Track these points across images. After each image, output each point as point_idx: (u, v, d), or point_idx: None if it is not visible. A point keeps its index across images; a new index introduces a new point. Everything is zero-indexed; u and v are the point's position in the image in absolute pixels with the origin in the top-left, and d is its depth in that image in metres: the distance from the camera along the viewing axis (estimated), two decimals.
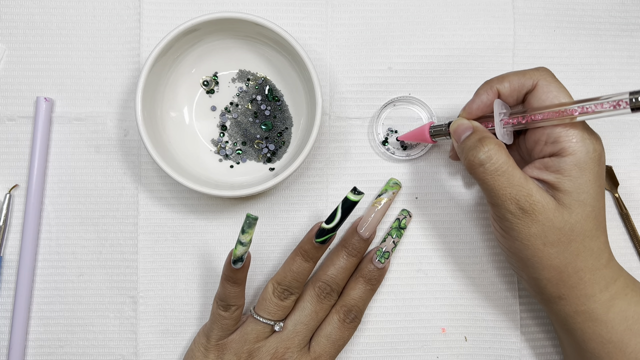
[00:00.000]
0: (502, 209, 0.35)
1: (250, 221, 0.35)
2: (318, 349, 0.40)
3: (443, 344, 0.44)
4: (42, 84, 0.44)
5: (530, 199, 0.34)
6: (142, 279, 0.44)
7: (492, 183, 0.35)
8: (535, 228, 0.34)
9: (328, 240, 0.38)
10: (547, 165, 0.35)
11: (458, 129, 0.37)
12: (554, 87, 0.35)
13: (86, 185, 0.44)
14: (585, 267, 0.35)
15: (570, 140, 0.34)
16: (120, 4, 0.44)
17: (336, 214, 0.37)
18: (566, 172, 0.34)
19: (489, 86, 0.37)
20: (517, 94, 0.37)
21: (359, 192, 0.37)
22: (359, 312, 0.41)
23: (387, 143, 0.44)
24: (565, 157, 0.34)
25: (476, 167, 0.35)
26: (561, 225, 0.34)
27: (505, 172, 0.34)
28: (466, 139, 0.36)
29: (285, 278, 0.39)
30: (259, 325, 0.39)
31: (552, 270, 0.35)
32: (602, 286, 0.35)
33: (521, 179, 0.34)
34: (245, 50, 0.43)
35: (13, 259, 0.43)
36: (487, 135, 0.36)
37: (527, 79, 0.36)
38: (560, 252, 0.35)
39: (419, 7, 0.45)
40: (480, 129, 0.37)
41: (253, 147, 0.44)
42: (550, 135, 0.35)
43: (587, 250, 0.35)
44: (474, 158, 0.35)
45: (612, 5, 0.46)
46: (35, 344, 0.43)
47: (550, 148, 0.35)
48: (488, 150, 0.35)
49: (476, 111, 0.38)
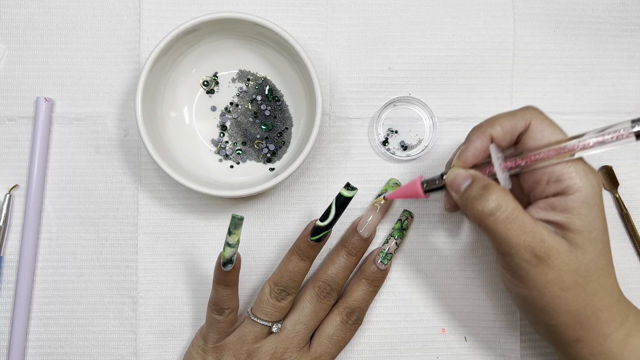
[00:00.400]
0: (516, 258, 0.33)
1: (236, 222, 0.35)
2: (319, 349, 0.40)
3: (443, 344, 0.44)
4: (42, 84, 0.44)
5: (544, 244, 0.32)
6: (142, 279, 0.43)
7: (504, 232, 0.33)
8: (552, 274, 0.33)
9: (323, 238, 0.38)
10: (553, 206, 0.34)
11: (456, 180, 0.35)
12: (547, 125, 0.34)
13: (86, 185, 0.44)
14: (602, 306, 0.34)
15: (574, 177, 0.33)
16: (120, 4, 0.44)
17: (330, 211, 0.37)
18: (575, 210, 0.33)
19: (481, 131, 0.36)
20: (510, 136, 0.35)
21: (352, 187, 0.36)
22: (362, 313, 0.41)
23: (387, 143, 0.44)
24: (572, 195, 0.33)
25: (486, 217, 0.33)
26: (576, 267, 0.33)
27: (516, 218, 0.32)
28: (467, 189, 0.34)
29: (282, 278, 0.39)
30: (256, 326, 0.39)
31: (569, 315, 0.34)
32: (617, 323, 0.34)
33: (532, 225, 0.33)
34: (245, 50, 0.43)
35: (13, 259, 0.43)
36: (490, 183, 0.34)
37: (519, 119, 0.35)
38: (578, 294, 0.33)
39: (419, 7, 0.45)
40: (479, 177, 0.34)
41: (253, 147, 0.44)
42: (552, 174, 0.34)
43: (603, 288, 0.34)
44: (483, 207, 0.33)
45: (612, 5, 0.46)
46: (35, 344, 0.43)
47: (553, 187, 0.34)
48: (496, 197, 0.33)
49: (472, 159, 0.36)
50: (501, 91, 0.45)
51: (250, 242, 0.44)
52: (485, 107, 0.45)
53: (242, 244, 0.44)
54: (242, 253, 0.44)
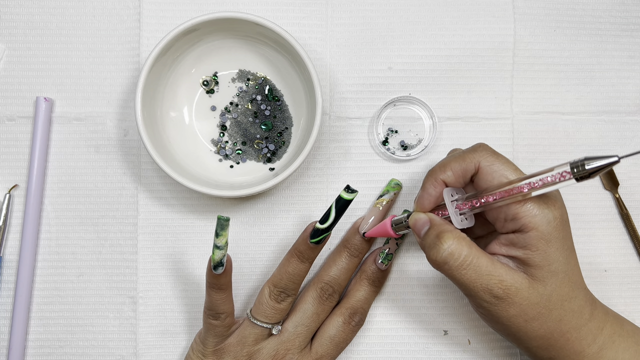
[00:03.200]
0: (476, 299, 0.34)
1: (222, 223, 0.34)
2: (320, 350, 0.40)
3: (445, 346, 0.44)
4: (42, 84, 0.44)
5: (503, 284, 0.34)
6: (142, 279, 0.43)
7: (460, 278, 0.34)
8: (514, 310, 0.34)
9: (323, 240, 0.38)
10: (512, 242, 0.35)
11: (416, 225, 0.37)
12: (496, 166, 0.35)
13: (86, 185, 0.44)
14: (570, 328, 0.35)
15: (528, 215, 0.33)
16: (120, 4, 0.44)
17: (330, 214, 0.37)
18: (533, 247, 0.34)
19: (433, 178, 0.37)
20: (462, 179, 0.36)
21: (352, 190, 0.36)
22: (364, 314, 0.41)
23: (388, 143, 0.44)
24: (529, 233, 0.34)
25: (440, 265, 0.34)
26: (538, 300, 0.34)
27: (470, 264, 0.34)
28: (425, 236, 0.36)
29: (281, 280, 0.39)
30: (256, 328, 0.39)
31: (539, 340, 0.35)
32: (589, 340, 0.35)
33: (489, 267, 0.34)
34: (245, 50, 0.43)
35: (13, 259, 0.43)
36: (445, 229, 0.35)
37: (468, 163, 0.35)
38: (543, 323, 0.34)
39: (419, 7, 0.45)
40: (436, 223, 0.36)
41: (253, 147, 0.44)
42: (507, 213, 0.34)
43: (569, 313, 0.35)
44: (436, 257, 0.34)
45: (612, 5, 0.46)
46: (35, 344, 0.43)
47: (511, 225, 0.34)
48: (448, 247, 0.34)
49: (428, 205, 0.37)
50: (501, 91, 0.45)
51: (249, 242, 0.44)
52: (485, 107, 0.45)
53: (241, 244, 0.44)
54: (241, 253, 0.44)
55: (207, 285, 0.38)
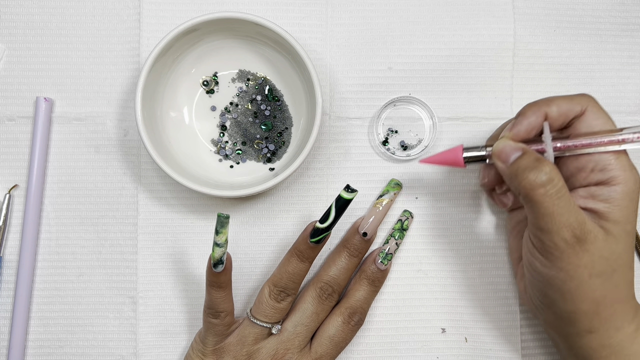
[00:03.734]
0: (555, 235, 0.33)
1: (222, 220, 0.34)
2: (320, 350, 0.40)
3: (443, 344, 0.44)
4: (42, 84, 0.44)
5: (584, 227, 0.33)
6: (142, 279, 0.43)
7: (550, 207, 0.32)
8: (586, 258, 0.33)
9: (323, 239, 0.38)
10: (594, 194, 0.34)
11: (505, 150, 0.35)
12: (601, 114, 0.35)
13: (86, 185, 0.44)
14: (620, 299, 0.34)
15: (619, 168, 0.33)
16: (120, 4, 0.44)
17: (330, 213, 0.37)
18: (616, 201, 0.33)
19: (537, 107, 0.35)
20: (564, 118, 0.35)
21: (352, 189, 0.36)
22: (363, 314, 0.41)
23: (387, 143, 0.44)
24: (615, 186, 0.33)
25: (537, 188, 0.32)
26: (608, 256, 0.33)
27: (564, 195, 0.32)
28: (519, 160, 0.34)
29: (281, 280, 0.39)
30: (256, 328, 0.39)
31: (590, 303, 0.34)
32: (630, 317, 0.35)
33: (577, 206, 0.33)
34: (245, 50, 0.43)
35: (13, 259, 0.43)
36: (541, 157, 0.34)
37: (576, 104, 0.35)
38: (603, 282, 0.33)
39: (419, 7, 0.45)
40: (531, 150, 0.34)
41: (253, 147, 0.44)
42: (597, 162, 0.34)
43: (625, 281, 0.34)
44: (535, 178, 0.32)
45: (612, 5, 0.46)
46: (35, 344, 0.43)
47: (597, 176, 0.34)
48: (550, 171, 0.32)
49: (524, 133, 0.35)
50: (501, 91, 0.45)
51: (249, 242, 0.44)
52: (485, 107, 0.45)
53: (242, 244, 0.44)
54: (242, 253, 0.44)
55: (207, 283, 0.38)
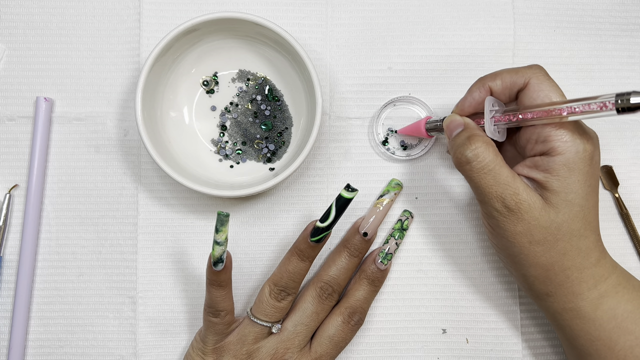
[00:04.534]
0: (488, 206, 0.35)
1: (222, 219, 0.34)
2: (319, 350, 0.40)
3: (444, 344, 0.44)
4: (42, 84, 0.44)
5: (517, 197, 0.34)
6: (142, 279, 0.43)
7: (478, 181, 0.35)
8: (521, 226, 0.34)
9: (323, 239, 0.38)
10: (536, 164, 0.35)
11: (450, 125, 0.38)
12: (545, 85, 0.35)
13: (86, 185, 0.44)
14: (572, 266, 0.35)
15: (559, 139, 0.34)
16: (120, 4, 0.44)
17: (330, 212, 0.37)
18: (555, 171, 0.34)
19: (482, 83, 0.37)
20: (509, 91, 0.36)
21: (352, 189, 0.36)
22: (363, 314, 0.41)
23: (387, 143, 0.44)
24: (554, 157, 0.34)
25: (463, 164, 0.35)
26: (547, 225, 0.34)
27: (491, 170, 0.34)
28: (456, 136, 0.36)
29: (282, 279, 0.39)
30: (256, 327, 0.39)
31: (538, 268, 0.35)
32: (590, 284, 0.35)
33: (508, 178, 0.34)
34: (245, 50, 0.43)
35: (13, 259, 0.43)
36: (476, 133, 0.36)
37: (519, 76, 0.36)
38: (547, 250, 0.35)
39: (419, 7, 0.45)
40: (471, 126, 0.37)
41: (253, 147, 0.44)
42: (540, 134, 0.35)
43: (575, 249, 0.35)
44: (461, 155, 0.35)
45: (612, 5, 0.46)
46: (35, 344, 0.43)
47: (540, 147, 0.35)
48: (475, 148, 0.35)
49: (468, 108, 0.38)
50: None
51: (250, 242, 0.44)
52: None
53: (242, 244, 0.44)
54: (242, 253, 0.44)
55: (207, 282, 0.38)
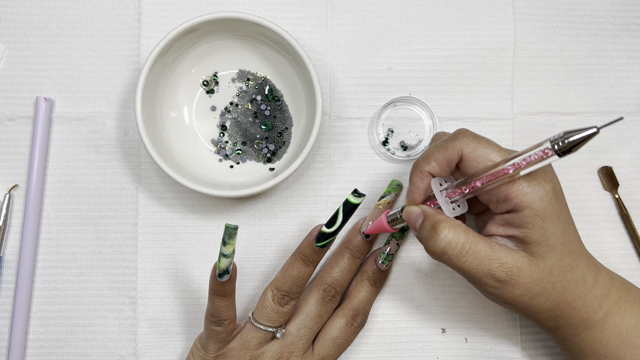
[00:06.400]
0: (480, 284, 0.35)
1: (231, 231, 0.34)
2: (323, 352, 0.40)
3: (443, 344, 0.44)
4: (42, 84, 0.44)
5: (504, 267, 0.34)
6: (142, 279, 0.43)
7: (460, 266, 0.34)
8: (518, 290, 0.34)
9: (328, 243, 0.38)
10: (508, 222, 0.35)
11: (410, 218, 0.37)
12: (479, 150, 0.35)
13: (86, 185, 0.44)
14: (575, 297, 0.35)
15: (520, 194, 0.33)
16: (120, 4, 0.44)
17: (337, 218, 0.36)
18: (529, 225, 0.34)
19: (419, 171, 0.37)
20: (448, 168, 0.36)
21: (360, 194, 0.36)
22: (366, 315, 0.41)
23: (388, 143, 0.44)
24: (523, 212, 0.34)
25: (439, 255, 0.34)
26: (540, 276, 0.34)
27: (469, 250, 0.34)
28: (420, 228, 0.36)
29: (285, 284, 0.39)
30: (259, 332, 0.39)
31: (546, 312, 0.36)
32: (595, 307, 0.35)
33: (488, 251, 0.34)
34: (245, 50, 0.43)
35: (13, 259, 0.43)
36: (439, 220, 0.35)
37: (451, 152, 0.35)
38: (548, 297, 0.35)
39: (419, 7, 0.45)
40: (429, 214, 0.35)
41: (253, 147, 0.44)
42: (499, 194, 0.34)
43: (572, 283, 0.35)
44: (434, 248, 0.34)
45: (612, 5, 0.46)
46: (35, 344, 0.43)
47: (504, 205, 0.34)
48: (444, 236, 0.34)
49: (418, 198, 0.37)
50: (501, 91, 0.45)
51: (250, 242, 0.44)
52: (486, 107, 0.45)
53: (242, 245, 0.44)
54: (242, 254, 0.44)
55: (210, 291, 0.37)
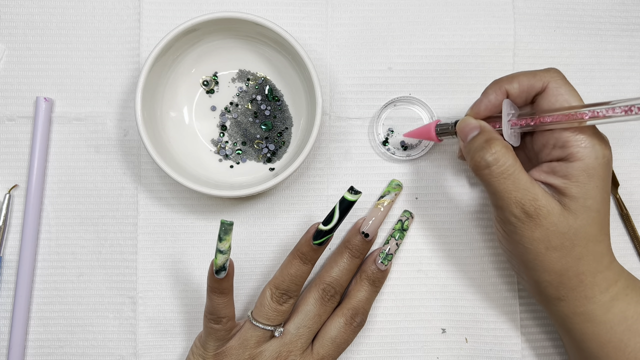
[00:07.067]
0: (506, 212, 0.35)
1: (226, 227, 0.34)
2: (322, 352, 0.40)
3: (443, 344, 0.44)
4: (42, 84, 0.44)
5: (536, 203, 0.34)
6: (142, 279, 0.43)
7: (497, 186, 0.34)
8: (539, 232, 0.34)
9: (326, 241, 0.38)
10: (554, 170, 0.35)
11: (465, 128, 0.37)
12: (564, 89, 0.35)
13: (86, 185, 0.44)
14: (586, 271, 0.35)
15: (579, 145, 0.33)
16: (120, 4, 0.44)
17: (334, 215, 0.37)
18: (574, 177, 0.33)
19: (498, 86, 0.36)
20: (526, 95, 0.36)
21: (356, 191, 0.36)
22: (365, 314, 0.41)
23: (388, 143, 0.44)
24: (574, 163, 0.33)
25: (482, 168, 0.35)
26: (565, 230, 0.34)
27: (511, 175, 0.34)
28: (473, 139, 0.36)
29: (283, 282, 0.39)
30: (258, 331, 0.39)
31: (553, 274, 0.35)
32: (602, 288, 0.35)
33: (527, 183, 0.34)
34: (245, 50, 0.43)
35: (13, 259, 0.43)
36: (494, 137, 0.35)
37: (537, 80, 0.35)
38: (563, 256, 0.34)
39: (419, 7, 0.45)
40: (487, 130, 0.36)
41: (253, 147, 0.44)
42: (558, 139, 0.34)
43: (590, 254, 0.35)
44: (480, 159, 0.34)
45: (612, 5, 0.46)
46: (35, 344, 0.43)
47: (558, 152, 0.34)
48: (495, 152, 0.34)
49: (484, 111, 0.37)
50: None
51: (250, 242, 0.44)
52: None
53: (242, 244, 0.44)
54: (242, 253, 0.44)
55: (208, 289, 0.37)
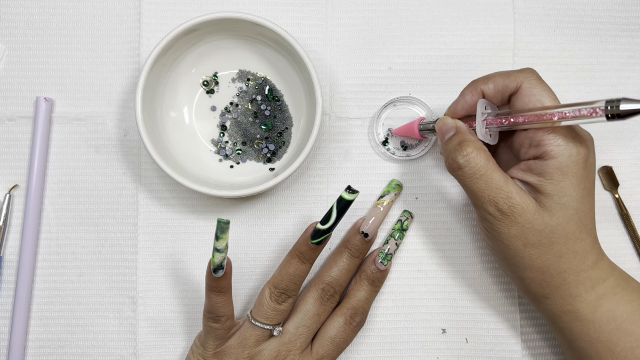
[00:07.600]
0: (482, 210, 0.36)
1: (223, 226, 0.34)
2: (321, 351, 0.40)
3: (443, 344, 0.44)
4: (42, 84, 0.44)
5: (509, 201, 0.34)
6: (142, 279, 0.43)
7: (470, 185, 0.35)
8: (515, 229, 0.35)
9: (324, 240, 0.38)
10: (530, 168, 0.35)
11: (442, 128, 0.38)
12: (537, 89, 0.35)
13: (86, 185, 0.44)
14: (568, 269, 0.35)
15: (552, 143, 0.34)
16: (120, 4, 0.44)
17: (331, 214, 0.37)
18: (548, 175, 0.34)
19: (474, 86, 0.37)
20: (501, 95, 0.37)
21: (353, 190, 0.36)
22: (365, 314, 0.41)
23: (387, 143, 0.44)
24: (548, 161, 0.34)
25: (455, 169, 0.36)
26: (541, 228, 0.34)
27: (483, 175, 0.35)
28: (448, 140, 0.37)
29: (282, 281, 0.39)
30: (257, 330, 0.39)
31: (534, 271, 0.36)
32: (587, 287, 0.35)
33: (500, 182, 0.35)
34: (245, 50, 0.43)
35: (13, 259, 0.43)
36: (467, 138, 0.36)
37: (511, 80, 0.36)
38: (542, 253, 0.35)
39: (419, 7, 0.45)
40: (462, 130, 0.37)
41: (253, 147, 0.44)
42: (533, 138, 0.35)
43: (570, 253, 0.35)
44: (453, 161, 0.36)
45: (612, 5, 0.46)
46: (35, 344, 0.43)
47: (533, 151, 0.35)
48: (467, 154, 0.35)
49: (460, 111, 0.38)
50: None
51: (249, 242, 0.44)
52: None
53: (241, 244, 0.44)
54: (241, 253, 0.44)
55: (206, 288, 0.37)
